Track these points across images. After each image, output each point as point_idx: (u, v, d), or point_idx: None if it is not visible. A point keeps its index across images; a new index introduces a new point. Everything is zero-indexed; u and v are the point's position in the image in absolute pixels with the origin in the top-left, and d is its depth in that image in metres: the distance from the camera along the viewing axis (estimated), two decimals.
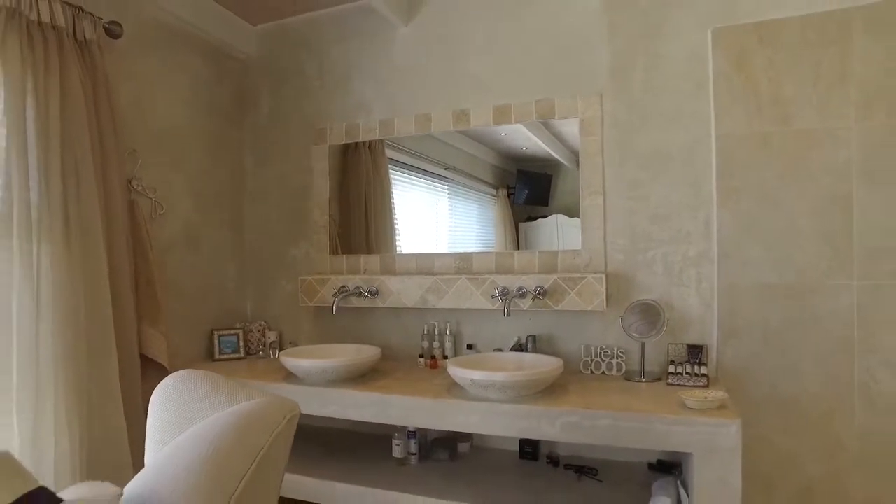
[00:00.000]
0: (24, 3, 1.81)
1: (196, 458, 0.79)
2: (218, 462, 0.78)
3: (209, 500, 0.70)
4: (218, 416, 0.99)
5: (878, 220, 2.02)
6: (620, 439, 1.78)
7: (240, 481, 0.77)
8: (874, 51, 2.02)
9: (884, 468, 2.02)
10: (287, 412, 1.02)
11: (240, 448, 0.85)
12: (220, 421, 0.95)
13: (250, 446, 0.86)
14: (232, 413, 0.98)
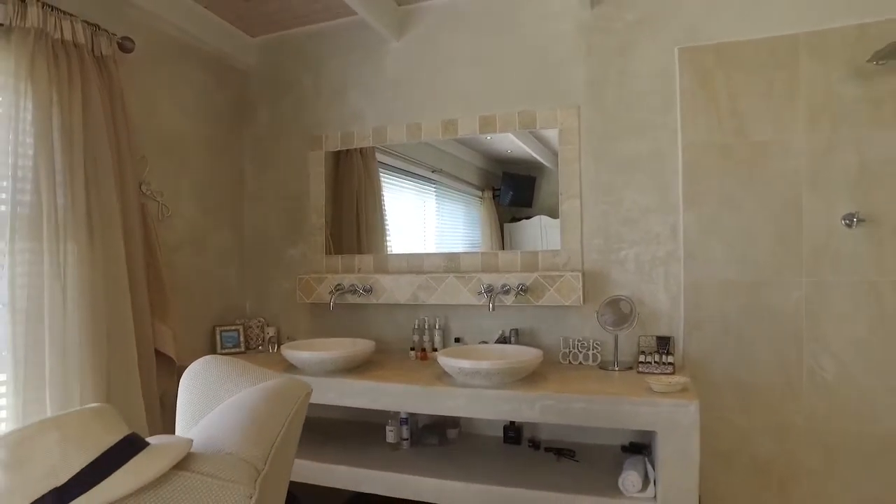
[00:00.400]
0: (50, 24, 1.97)
1: (240, 418, 0.97)
2: (259, 421, 0.96)
3: (258, 445, 0.88)
4: (248, 391, 1.17)
5: (823, 221, 2.26)
6: (592, 420, 1.99)
7: (277, 436, 0.95)
8: (818, 72, 2.25)
9: (827, 443, 2.26)
10: (304, 388, 1.21)
11: (273, 412, 1.03)
12: (251, 394, 1.13)
13: (281, 411, 1.05)
14: (260, 388, 1.16)
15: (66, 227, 1.93)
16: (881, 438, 2.21)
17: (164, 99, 2.67)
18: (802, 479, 2.31)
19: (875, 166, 2.20)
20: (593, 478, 2.17)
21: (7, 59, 1.87)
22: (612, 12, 2.55)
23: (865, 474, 2.23)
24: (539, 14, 2.65)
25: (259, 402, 1.06)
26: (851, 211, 2.22)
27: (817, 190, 2.27)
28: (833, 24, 2.24)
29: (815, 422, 2.28)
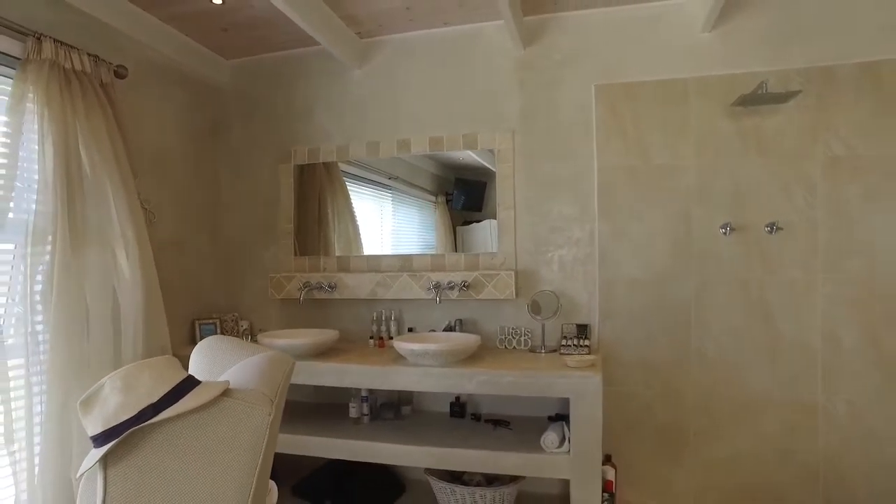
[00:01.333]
0: (61, 56, 2.30)
1: (254, 371, 1.36)
2: (266, 373, 1.36)
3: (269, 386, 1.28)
4: (254, 358, 1.56)
5: (706, 230, 2.80)
6: (518, 390, 2.46)
7: (279, 382, 1.35)
8: (703, 110, 2.80)
9: (709, 408, 2.81)
10: (291, 359, 1.62)
11: (274, 369, 1.42)
12: (256, 359, 1.53)
13: (279, 369, 1.45)
14: (261, 356, 1.56)
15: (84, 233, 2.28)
16: (748, 403, 2.77)
17: (150, 117, 3.00)
18: (690, 438, 2.85)
19: (743, 187, 2.75)
20: (522, 440, 2.64)
21: (26, 87, 2.19)
22: (541, 53, 3.04)
23: (737, 431, 2.79)
24: (481, 52, 3.12)
25: (264, 363, 1.46)
26: (727, 222, 2.77)
27: (702, 205, 2.81)
28: (712, 73, 2.78)
29: (700, 391, 2.82)
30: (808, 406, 2.71)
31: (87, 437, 1.11)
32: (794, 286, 2.72)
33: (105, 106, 2.50)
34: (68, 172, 2.28)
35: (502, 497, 2.74)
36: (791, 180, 2.72)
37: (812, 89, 2.68)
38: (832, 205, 2.67)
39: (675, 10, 2.86)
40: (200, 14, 2.91)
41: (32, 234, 2.18)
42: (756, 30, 2.76)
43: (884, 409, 2.62)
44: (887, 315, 2.62)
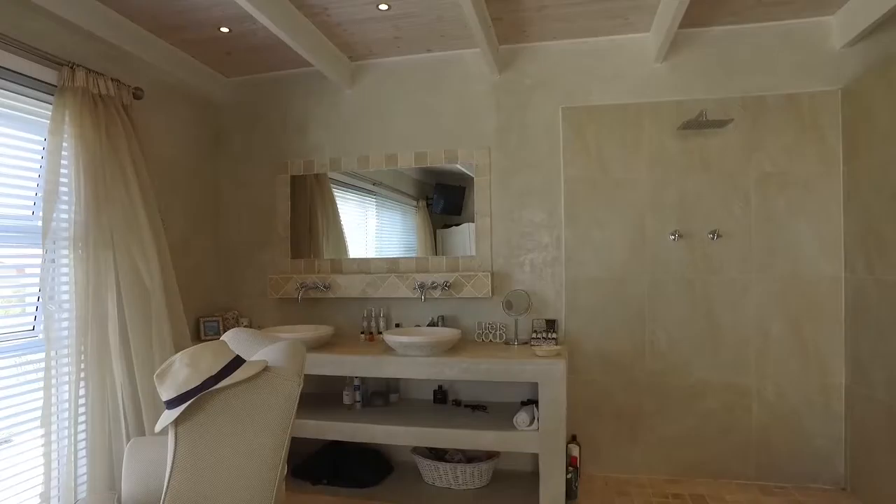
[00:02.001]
0: (90, 83, 2.60)
1: (282, 354, 1.70)
2: (291, 355, 1.69)
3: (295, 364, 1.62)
4: (275, 345, 1.90)
5: (658, 236, 3.20)
6: (493, 376, 2.83)
7: (302, 361, 1.69)
8: (654, 131, 3.20)
9: (661, 392, 3.21)
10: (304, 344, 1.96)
11: (296, 353, 1.76)
12: (279, 346, 1.86)
13: (300, 354, 1.78)
14: (283, 343, 1.88)
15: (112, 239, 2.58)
16: (693, 386, 3.18)
17: (160, 132, 3.29)
18: (645, 419, 3.25)
19: (688, 199, 3.17)
20: (497, 421, 3.01)
21: (61, 111, 2.48)
22: (514, 78, 3.42)
23: (685, 411, 3.20)
24: (461, 76, 3.48)
25: (287, 348, 1.79)
26: (675, 229, 3.18)
27: (654, 214, 3.22)
28: (663, 99, 3.19)
29: (653, 378, 3.23)
30: (743, 388, 3.14)
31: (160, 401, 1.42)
32: (732, 285, 3.14)
33: (126, 125, 2.80)
34: (96, 186, 2.57)
35: (480, 472, 3.11)
36: (729, 193, 3.14)
37: (746, 115, 3.10)
38: (763, 214, 3.10)
39: (632, 42, 3.26)
40: (209, 40, 3.22)
41: (73, 240, 2.47)
42: (700, 63, 3.18)
43: (802, 389, 3.06)
44: (807, 309, 3.06)
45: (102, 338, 2.54)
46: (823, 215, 3.04)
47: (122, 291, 2.65)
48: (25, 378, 2.49)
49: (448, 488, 3.13)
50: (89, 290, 2.51)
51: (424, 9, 2.90)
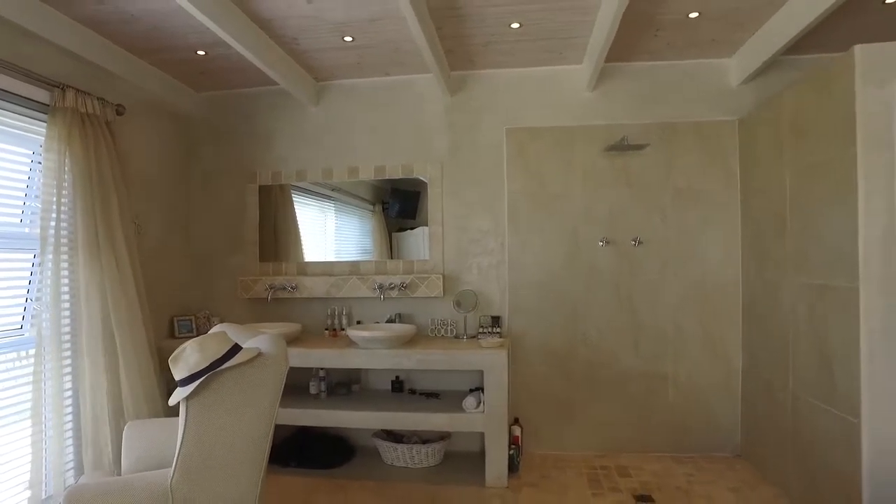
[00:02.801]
0: (79, 102, 2.85)
1: (268, 344, 2.04)
2: (277, 345, 2.03)
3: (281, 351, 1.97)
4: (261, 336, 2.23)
5: (589, 243, 3.67)
6: (445, 364, 3.23)
7: (286, 351, 2.04)
8: (586, 151, 3.67)
9: (592, 380, 3.68)
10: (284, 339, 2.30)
11: (281, 343, 2.10)
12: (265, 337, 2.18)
13: (283, 343, 2.12)
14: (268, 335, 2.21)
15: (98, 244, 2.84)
16: (620, 375, 3.66)
17: (138, 144, 3.54)
18: (578, 403, 3.71)
19: (615, 210, 3.65)
20: (449, 406, 3.40)
21: (53, 129, 2.73)
22: (464, 100, 3.83)
23: (613, 396, 3.67)
24: (416, 97, 3.87)
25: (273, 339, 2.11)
26: (604, 236, 3.66)
27: (586, 223, 3.69)
28: (592, 123, 3.67)
29: (586, 367, 3.69)
30: (660, 375, 3.64)
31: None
32: (652, 286, 3.64)
33: (108, 140, 3.06)
34: (84, 198, 2.83)
35: (433, 452, 3.50)
36: (649, 206, 3.64)
37: (663, 139, 3.61)
38: (678, 225, 3.62)
39: (567, 73, 3.72)
40: (184, 61, 3.50)
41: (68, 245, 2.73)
42: (624, 92, 3.68)
43: (708, 375, 3.59)
44: (712, 307, 3.59)
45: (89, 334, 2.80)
46: (726, 227, 3.58)
47: (105, 293, 2.90)
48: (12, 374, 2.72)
49: (405, 467, 3.50)
50: (78, 292, 2.77)
51: (384, 41, 3.28)
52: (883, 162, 2.32)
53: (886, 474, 2.31)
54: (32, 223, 2.85)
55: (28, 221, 2.86)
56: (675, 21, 3.07)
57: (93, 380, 2.85)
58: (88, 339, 2.83)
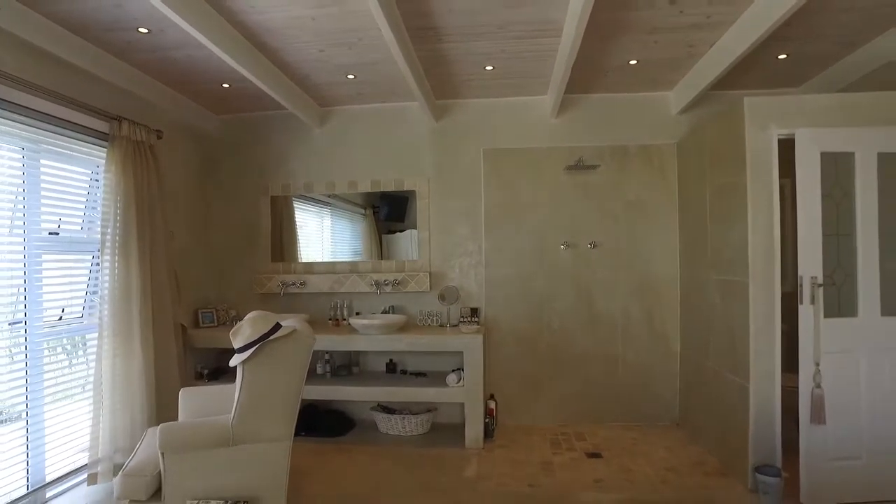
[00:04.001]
0: (132, 131, 3.48)
1: (298, 324, 2.69)
2: (304, 325, 2.68)
3: (308, 329, 2.62)
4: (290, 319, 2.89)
5: (553, 246, 4.37)
6: (431, 347, 3.92)
7: (312, 332, 2.69)
8: (552, 169, 4.36)
9: (555, 360, 4.38)
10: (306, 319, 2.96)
11: (306, 324, 2.76)
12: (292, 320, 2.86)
13: (308, 324, 2.79)
14: (295, 318, 2.88)
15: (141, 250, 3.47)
16: (579, 356, 4.36)
17: (170, 162, 4.16)
18: (544, 381, 4.40)
19: (576, 218, 4.34)
20: (434, 382, 4.08)
21: (112, 154, 3.36)
22: (448, 124, 4.50)
23: (573, 375, 4.37)
24: (407, 121, 4.53)
25: (300, 320, 2.79)
26: (565, 240, 4.35)
27: (551, 229, 4.38)
28: (556, 145, 4.36)
29: (550, 350, 4.39)
30: (612, 357, 4.34)
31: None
32: (605, 281, 4.34)
33: (151, 161, 3.69)
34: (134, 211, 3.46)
35: (422, 422, 4.18)
36: (604, 215, 4.34)
37: (615, 158, 4.31)
38: (627, 231, 4.32)
39: (535, 102, 4.41)
40: (212, 91, 4.13)
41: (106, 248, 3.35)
42: (583, 119, 4.37)
43: (652, 355, 4.30)
44: (656, 299, 4.29)
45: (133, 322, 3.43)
46: (666, 233, 4.29)
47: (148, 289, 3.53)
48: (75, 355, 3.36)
49: (398, 435, 4.17)
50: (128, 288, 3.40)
51: (381, 78, 3.94)
52: (764, 188, 3.04)
53: (763, 421, 3.04)
54: (90, 230, 3.49)
55: (87, 228, 3.49)
56: (619, 65, 3.77)
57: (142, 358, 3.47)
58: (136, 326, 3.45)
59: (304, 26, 3.11)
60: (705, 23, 3.12)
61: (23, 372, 2.97)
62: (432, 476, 3.43)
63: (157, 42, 3.24)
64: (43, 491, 3.07)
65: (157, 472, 2.41)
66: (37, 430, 3.03)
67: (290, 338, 2.49)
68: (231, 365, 2.44)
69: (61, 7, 2.81)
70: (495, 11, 2.97)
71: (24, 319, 2.99)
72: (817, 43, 3.41)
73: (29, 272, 3.01)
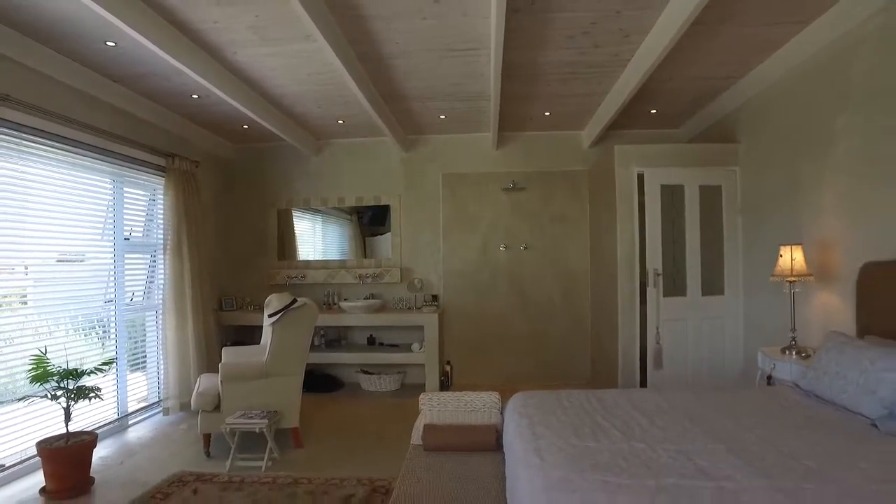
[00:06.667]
0: (181, 164, 4.79)
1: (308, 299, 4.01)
2: (311, 301, 4.02)
3: (315, 306, 3.94)
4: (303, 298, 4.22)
5: (494, 248, 5.75)
6: (400, 322, 5.28)
7: (316, 306, 4.02)
8: (494, 188, 5.74)
9: (497, 338, 5.75)
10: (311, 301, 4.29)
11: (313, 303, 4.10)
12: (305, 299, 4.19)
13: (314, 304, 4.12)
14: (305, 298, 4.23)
15: (189, 251, 4.78)
16: (514, 333, 5.74)
17: (202, 184, 5.46)
18: (488, 352, 5.76)
19: (511, 227, 5.72)
20: (403, 351, 5.43)
21: (168, 184, 4.67)
22: (415, 154, 5.86)
23: (510, 347, 5.74)
24: (384, 152, 5.88)
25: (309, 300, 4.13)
26: (504, 244, 5.73)
27: (492, 235, 5.75)
28: (497, 170, 5.74)
29: (493, 328, 5.76)
30: (541, 332, 5.73)
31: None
32: (534, 276, 5.72)
33: (193, 185, 5.00)
34: (182, 223, 4.77)
35: (394, 381, 5.52)
36: (533, 225, 5.72)
37: (541, 181, 5.69)
38: (551, 237, 5.70)
39: (481, 137, 5.77)
40: (235, 131, 5.45)
41: (167, 250, 4.66)
42: (517, 151, 5.75)
43: (571, 332, 5.70)
44: (573, 288, 5.68)
45: (186, 303, 4.74)
46: (581, 238, 5.68)
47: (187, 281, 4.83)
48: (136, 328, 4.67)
49: (377, 391, 5.51)
50: (182, 278, 4.71)
51: (363, 122, 5.27)
52: (628, 208, 4.44)
53: (628, 368, 4.44)
54: (148, 236, 4.79)
55: (145, 235, 4.79)
56: (538, 115, 5.15)
57: (192, 329, 4.77)
58: (188, 307, 4.76)
59: (309, 93, 4.44)
60: (596, 90, 4.50)
61: (114, 335, 4.28)
62: (399, 414, 4.78)
63: (203, 102, 4.56)
64: (126, 419, 4.37)
65: (217, 394, 3.72)
66: (122, 377, 4.34)
67: (303, 308, 3.83)
68: (265, 325, 3.78)
69: (138, 83, 4.12)
70: (442, 87, 4.34)
71: (114, 299, 4.29)
72: (674, 104, 4.83)
73: (116, 265, 4.31)
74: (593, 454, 1.94)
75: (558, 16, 3.17)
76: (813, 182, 3.50)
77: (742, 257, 4.39)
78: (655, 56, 3.36)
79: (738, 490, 1.61)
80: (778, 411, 2.47)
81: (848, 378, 2.43)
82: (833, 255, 3.31)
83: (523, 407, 2.66)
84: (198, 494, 3.11)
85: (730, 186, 4.40)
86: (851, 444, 1.97)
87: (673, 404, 2.61)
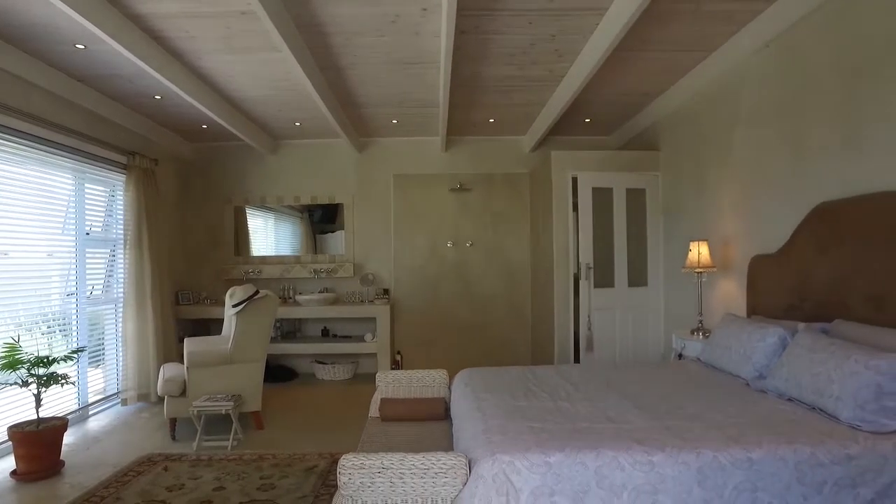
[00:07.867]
0: (141, 161, 4.94)
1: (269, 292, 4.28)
2: (272, 293, 4.29)
3: (276, 297, 4.22)
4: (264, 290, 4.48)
5: (442, 245, 6.14)
6: (353, 314, 5.62)
7: (277, 300, 4.29)
8: (441, 190, 6.13)
9: (445, 328, 6.16)
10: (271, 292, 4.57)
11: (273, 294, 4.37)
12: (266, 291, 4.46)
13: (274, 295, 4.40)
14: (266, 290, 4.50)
15: (146, 248, 4.94)
16: (459, 324, 6.16)
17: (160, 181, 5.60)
18: (435, 342, 6.16)
19: (457, 225, 6.14)
20: (356, 341, 5.75)
21: (129, 181, 4.82)
22: (367, 156, 6.19)
23: (456, 338, 6.16)
24: (338, 152, 6.17)
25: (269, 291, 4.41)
26: (451, 240, 6.13)
27: (441, 233, 6.15)
28: (444, 172, 6.14)
29: (440, 319, 6.16)
30: (484, 323, 6.17)
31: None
32: (478, 269, 6.16)
33: (152, 182, 5.15)
34: (142, 219, 4.93)
35: (347, 370, 5.84)
36: (477, 223, 6.15)
37: (485, 182, 6.13)
38: (494, 234, 6.15)
39: (429, 140, 6.15)
40: (192, 129, 5.62)
41: (127, 245, 4.82)
42: (463, 154, 6.17)
43: (513, 323, 6.16)
44: (514, 281, 6.15)
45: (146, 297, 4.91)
46: (522, 236, 6.15)
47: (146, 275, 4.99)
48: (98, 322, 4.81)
49: (331, 380, 5.81)
50: (142, 272, 4.88)
51: (318, 125, 5.55)
52: (563, 208, 4.92)
53: (563, 353, 4.93)
54: (107, 231, 4.92)
55: (104, 230, 4.92)
56: (483, 121, 5.58)
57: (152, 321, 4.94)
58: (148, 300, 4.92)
59: (270, 98, 4.71)
60: (535, 101, 4.95)
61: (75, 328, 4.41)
62: (354, 399, 5.10)
63: (164, 103, 4.74)
64: (87, 409, 4.51)
65: (183, 381, 3.95)
66: (83, 368, 4.48)
67: (266, 299, 4.11)
68: (228, 315, 4.04)
69: (103, 84, 4.28)
70: (395, 95, 4.69)
71: (76, 292, 4.42)
72: (605, 115, 5.36)
73: (78, 260, 4.45)
74: (524, 410, 2.37)
75: (500, 37, 3.60)
76: (716, 186, 4.07)
77: (662, 253, 4.97)
78: (586, 74, 3.83)
79: (633, 429, 2.06)
80: (680, 379, 2.98)
81: (732, 349, 2.96)
82: (731, 250, 3.88)
83: (469, 379, 3.06)
84: (169, 471, 3.35)
85: (653, 189, 4.97)
86: (726, 397, 2.49)
87: (595, 375, 3.08)
